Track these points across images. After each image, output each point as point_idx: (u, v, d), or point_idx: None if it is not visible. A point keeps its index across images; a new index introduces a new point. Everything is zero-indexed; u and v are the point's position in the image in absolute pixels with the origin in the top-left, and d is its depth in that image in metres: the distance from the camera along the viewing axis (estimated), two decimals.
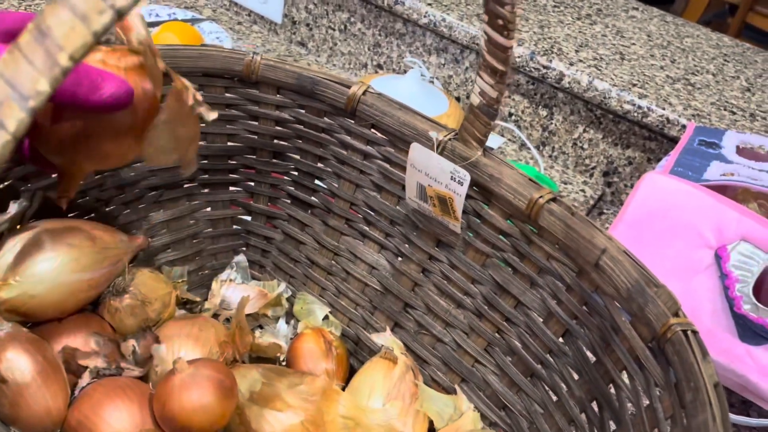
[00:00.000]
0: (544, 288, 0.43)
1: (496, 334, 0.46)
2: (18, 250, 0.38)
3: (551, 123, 0.84)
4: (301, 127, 0.50)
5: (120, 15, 0.17)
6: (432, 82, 0.87)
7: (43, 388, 0.36)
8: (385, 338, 0.47)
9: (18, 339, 0.37)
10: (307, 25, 0.97)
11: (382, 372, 0.45)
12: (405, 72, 0.87)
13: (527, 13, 0.90)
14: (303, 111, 0.50)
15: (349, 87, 0.48)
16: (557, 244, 0.41)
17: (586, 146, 0.83)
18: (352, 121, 0.49)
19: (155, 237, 0.51)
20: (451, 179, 0.43)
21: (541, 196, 0.41)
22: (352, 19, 0.93)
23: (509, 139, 0.87)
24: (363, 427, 0.41)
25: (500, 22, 0.37)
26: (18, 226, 0.40)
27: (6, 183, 0.42)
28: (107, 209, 0.48)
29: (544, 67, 0.79)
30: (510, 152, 0.85)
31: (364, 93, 0.48)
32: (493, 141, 0.86)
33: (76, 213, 0.46)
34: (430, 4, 0.85)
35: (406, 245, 0.50)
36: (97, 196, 0.47)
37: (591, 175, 0.84)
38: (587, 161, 0.83)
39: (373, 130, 0.48)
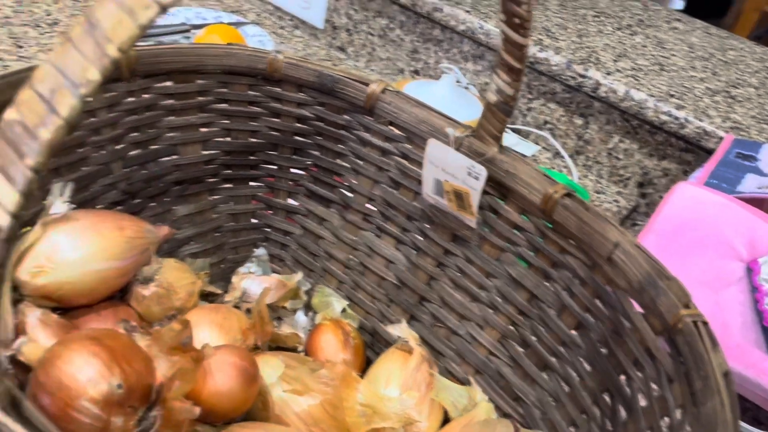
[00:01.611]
0: (558, 281, 0.44)
1: (510, 327, 0.47)
2: (51, 239, 0.40)
3: (586, 132, 0.84)
4: (321, 124, 0.52)
5: (164, 9, 0.18)
6: (467, 88, 0.88)
7: None
8: (401, 329, 0.48)
9: (48, 324, 0.38)
10: (347, 30, 0.99)
11: (399, 362, 0.46)
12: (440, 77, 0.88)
13: (566, 22, 0.90)
14: (323, 108, 0.51)
15: (367, 85, 0.49)
16: (571, 238, 0.42)
17: (621, 156, 0.82)
18: (371, 119, 0.50)
19: (179, 230, 0.52)
20: (468, 175, 0.44)
21: (555, 191, 0.42)
22: (391, 25, 0.94)
23: (544, 147, 0.87)
24: (380, 415, 0.42)
25: (516, 20, 0.38)
26: (49, 216, 0.42)
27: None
28: (134, 201, 0.50)
29: (581, 75, 0.79)
30: (544, 160, 0.85)
31: (382, 91, 0.49)
32: (527, 148, 0.85)
33: (104, 205, 0.48)
34: (468, 12, 0.85)
35: (423, 240, 0.51)
36: (125, 189, 0.49)
37: (625, 186, 0.84)
38: (622, 171, 0.83)
39: (390, 126, 0.50)
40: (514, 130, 0.88)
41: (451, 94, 0.75)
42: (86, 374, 0.33)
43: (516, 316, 0.47)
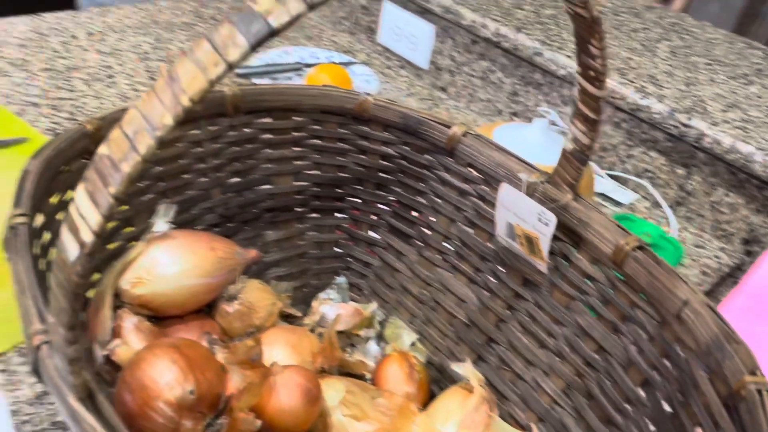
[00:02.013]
0: (627, 335, 0.43)
1: (576, 377, 0.47)
2: (152, 254, 0.45)
3: (689, 183, 0.81)
4: (405, 162, 0.54)
5: (231, 67, 0.21)
6: (565, 132, 0.88)
7: None
8: (464, 368, 0.49)
9: (142, 330, 0.43)
10: (450, 71, 1.02)
11: (459, 401, 0.47)
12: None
13: (674, 70, 0.88)
14: (407, 148, 0.54)
15: (449, 127, 0.51)
16: (641, 292, 0.42)
17: (725, 210, 0.79)
18: (451, 160, 0.52)
19: (267, 253, 0.56)
20: (538, 220, 0.45)
21: (627, 243, 0.42)
22: (493, 68, 0.96)
23: (643, 196, 0.85)
24: None
25: (591, 73, 0.39)
26: (152, 234, 0.47)
27: (147, 197, 0.49)
28: (230, 225, 0.54)
29: (684, 124, 0.77)
30: (642, 209, 0.83)
31: (463, 134, 0.51)
32: (624, 196, 0.83)
33: (203, 226, 0.53)
34: (568, 57, 0.86)
35: (495, 281, 0.52)
36: (222, 213, 0.53)
37: (729, 242, 0.79)
38: (726, 226, 0.79)
39: (469, 168, 0.51)
40: (613, 176, 0.86)
41: (543, 138, 0.76)
42: (165, 378, 0.36)
43: (582, 367, 0.46)
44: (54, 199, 0.41)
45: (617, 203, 0.82)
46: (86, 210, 0.22)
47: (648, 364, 0.42)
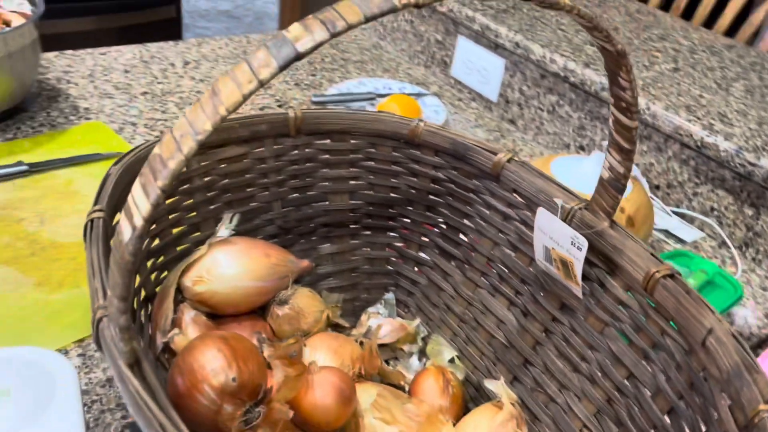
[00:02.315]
0: (656, 363, 0.44)
1: (606, 403, 0.47)
2: (213, 257, 0.50)
3: (757, 223, 0.78)
4: (453, 186, 0.57)
5: (261, 84, 0.25)
6: None
7: None
8: (497, 385, 0.50)
9: (198, 324, 0.48)
10: (519, 104, 1.04)
11: (488, 416, 0.48)
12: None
13: (747, 109, 0.87)
14: (455, 172, 0.56)
15: (495, 154, 0.53)
16: (671, 320, 0.42)
17: None
18: (497, 185, 0.54)
19: (320, 266, 0.60)
20: (572, 244, 0.46)
21: (657, 271, 0.43)
22: (561, 102, 0.98)
23: (708, 235, 0.83)
24: None
25: (623, 104, 0.41)
26: (215, 238, 0.52)
27: (214, 206, 0.54)
28: (287, 236, 0.59)
29: (751, 164, 0.76)
30: (707, 248, 0.81)
31: (508, 160, 0.53)
32: (689, 233, 0.82)
33: (263, 236, 0.58)
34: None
35: (533, 305, 0.53)
36: (281, 225, 0.58)
37: None
38: None
39: (514, 194, 0.53)
40: (679, 214, 0.85)
41: (598, 171, 0.76)
42: (211, 365, 0.40)
43: (613, 392, 0.47)
44: None
45: (681, 240, 0.81)
46: (139, 199, 0.26)
47: (675, 392, 0.42)
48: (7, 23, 0.81)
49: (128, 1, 2.18)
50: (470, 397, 0.56)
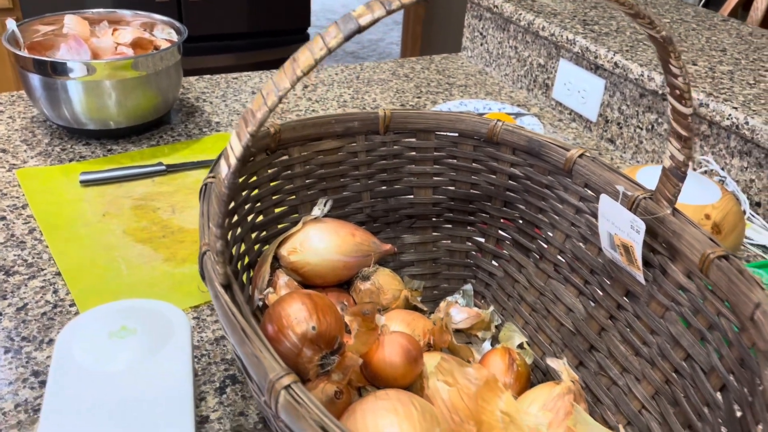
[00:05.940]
0: (711, 343, 0.45)
1: (665, 384, 0.48)
2: (306, 232, 0.57)
3: None
4: (528, 182, 0.61)
5: (330, 51, 0.32)
6: (723, 181, 0.87)
7: None
8: (558, 363, 0.52)
9: (289, 287, 0.55)
10: (618, 123, 1.06)
11: (547, 389, 0.51)
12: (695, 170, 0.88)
13: None
14: (531, 169, 0.60)
15: (568, 150, 0.57)
16: (726, 300, 0.43)
17: None
18: (569, 180, 0.58)
19: (404, 254, 0.66)
20: (631, 228, 0.49)
21: (713, 252, 0.44)
22: (660, 120, 0.98)
23: None
24: (516, 426, 0.48)
25: (677, 91, 0.43)
26: (309, 217, 0.59)
27: (311, 191, 0.62)
28: (374, 225, 0.65)
29: None
30: None
31: (580, 156, 0.56)
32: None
33: (351, 221, 0.64)
34: (735, 108, 0.86)
35: (600, 293, 0.55)
36: (369, 214, 0.65)
37: None
38: None
39: (585, 188, 0.56)
40: None
41: (687, 181, 0.76)
42: (295, 315, 0.47)
43: (671, 374, 0.48)
44: (240, 180, 0.55)
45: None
46: (234, 143, 0.34)
47: (727, 369, 0.43)
48: (156, 48, 0.96)
49: (264, 39, 2.41)
50: (538, 381, 0.58)
